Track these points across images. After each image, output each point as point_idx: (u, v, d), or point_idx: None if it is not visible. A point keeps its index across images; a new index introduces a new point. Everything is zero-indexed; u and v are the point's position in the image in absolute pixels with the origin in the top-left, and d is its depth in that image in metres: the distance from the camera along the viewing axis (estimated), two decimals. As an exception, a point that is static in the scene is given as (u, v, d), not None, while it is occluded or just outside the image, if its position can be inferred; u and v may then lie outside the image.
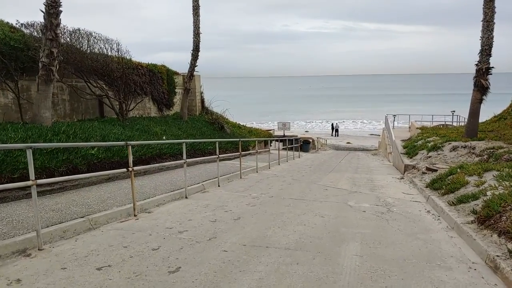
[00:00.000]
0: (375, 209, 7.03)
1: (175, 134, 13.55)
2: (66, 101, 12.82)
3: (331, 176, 12.33)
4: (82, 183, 7.44)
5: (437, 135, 15.05)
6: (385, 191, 9.35)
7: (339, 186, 9.88)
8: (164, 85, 18.41)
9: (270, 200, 7.55)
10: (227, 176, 10.41)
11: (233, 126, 21.14)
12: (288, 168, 14.82)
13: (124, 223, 5.46)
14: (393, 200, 8.01)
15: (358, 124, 67.04)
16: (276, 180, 10.84)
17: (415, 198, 8.37)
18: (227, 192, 8.36)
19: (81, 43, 11.83)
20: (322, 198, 7.98)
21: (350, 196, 8.42)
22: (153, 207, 6.51)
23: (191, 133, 14.80)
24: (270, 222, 5.80)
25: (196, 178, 9.39)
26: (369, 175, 12.79)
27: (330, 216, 6.32)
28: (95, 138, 9.04)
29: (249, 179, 10.72)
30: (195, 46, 17.09)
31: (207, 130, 16.87)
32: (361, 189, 9.48)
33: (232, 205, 6.98)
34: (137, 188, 7.61)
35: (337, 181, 10.87)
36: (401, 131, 26.95)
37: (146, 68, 16.92)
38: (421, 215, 6.65)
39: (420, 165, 12.64)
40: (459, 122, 27.14)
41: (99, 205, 6.01)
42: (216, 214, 6.22)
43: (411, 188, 9.88)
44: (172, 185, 8.18)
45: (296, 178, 11.48)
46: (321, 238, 5.04)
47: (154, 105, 18.03)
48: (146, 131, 12.34)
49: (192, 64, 17.30)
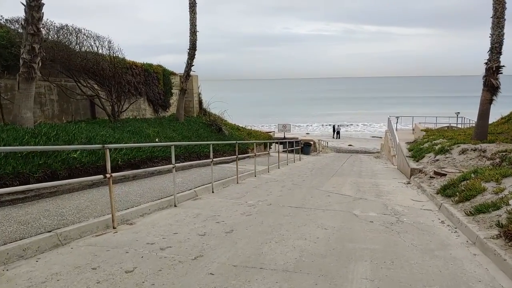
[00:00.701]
0: (383, 219, 6.36)
1: (169, 136, 12.89)
2: (54, 101, 12.17)
3: (333, 180, 11.66)
4: (61, 189, 6.78)
5: (444, 138, 14.37)
6: (392, 197, 8.67)
7: (342, 192, 9.21)
8: (160, 86, 17.78)
9: (268, 209, 6.88)
10: (223, 181, 9.75)
11: (231, 128, 20.49)
12: (288, 171, 14.15)
13: (100, 238, 4.79)
14: (402, 208, 7.33)
15: (360, 126, 66.38)
16: (275, 185, 10.17)
17: (425, 205, 7.69)
18: (221, 199, 7.69)
19: (70, 40, 11.19)
20: (324, 206, 7.31)
21: (355, 203, 7.75)
22: (136, 218, 5.85)
23: (186, 135, 14.14)
24: (266, 235, 5.12)
25: (189, 184, 8.73)
26: (373, 180, 12.11)
27: (334, 227, 5.64)
28: (80, 140, 8.39)
29: (247, 184, 10.05)
30: (192, 45, 16.44)
31: (204, 132, 16.21)
32: (366, 196, 8.81)
33: (225, 214, 6.31)
34: (121, 195, 6.96)
35: (340, 187, 10.20)
36: (404, 133, 26.26)
37: (141, 67, 16.28)
38: (435, 226, 5.97)
39: (428, 169, 11.95)
40: (464, 124, 26.46)
41: (75, 216, 5.35)
42: (207, 225, 5.56)
43: (419, 194, 9.20)
44: (161, 192, 7.51)
45: (296, 183, 10.81)
46: (325, 256, 4.37)
47: (150, 106, 17.39)
48: (138, 133, 11.68)
49: (189, 63, 16.65)
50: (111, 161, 8.20)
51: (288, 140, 21.70)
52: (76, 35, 11.27)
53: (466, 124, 25.74)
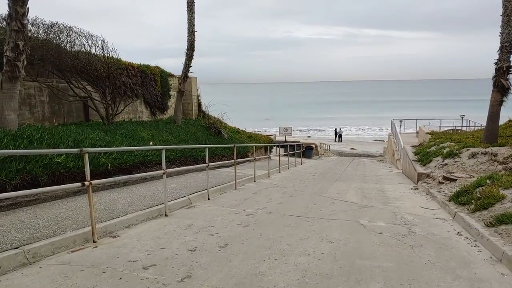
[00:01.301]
0: (393, 229, 5.79)
1: (164, 139, 12.33)
2: (45, 103, 11.65)
3: (337, 186, 11.09)
4: (42, 197, 6.23)
5: (452, 141, 13.79)
6: (400, 204, 8.10)
7: (347, 199, 8.64)
8: (157, 87, 17.26)
9: (267, 218, 6.32)
10: (220, 187, 9.19)
11: (231, 131, 19.94)
12: (290, 176, 13.59)
13: (76, 254, 4.23)
14: (413, 217, 6.76)
15: (361, 129, 65.79)
16: (275, 191, 9.61)
17: (437, 214, 7.12)
18: (217, 208, 7.13)
19: (60, 39, 10.68)
20: (328, 215, 6.74)
21: (361, 211, 7.18)
22: (121, 230, 5.29)
23: (183, 138, 13.58)
24: (265, 250, 4.56)
25: (183, 190, 8.17)
26: (379, 185, 11.54)
27: (340, 241, 5.08)
28: (66, 144, 7.85)
29: (245, 190, 9.49)
30: (190, 45, 15.91)
31: (202, 135, 15.65)
32: (372, 203, 8.24)
33: (220, 225, 5.75)
34: (108, 203, 6.41)
35: (344, 193, 9.63)
36: (408, 136, 25.68)
37: (137, 68, 15.78)
38: (451, 238, 5.40)
39: (436, 174, 11.38)
40: (469, 127, 25.87)
41: (51, 228, 4.79)
42: (198, 238, 4.99)
43: (429, 201, 8.63)
44: (152, 200, 6.96)
45: (298, 188, 10.24)
46: (331, 276, 3.80)
47: (147, 108, 16.87)
48: (131, 136, 11.13)
49: (187, 64, 16.12)
50: (100, 165, 7.69)
51: (290, 143, 21.14)
52: (67, 34, 10.77)
53: (471, 127, 25.15)
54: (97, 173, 7.73)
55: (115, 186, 8.01)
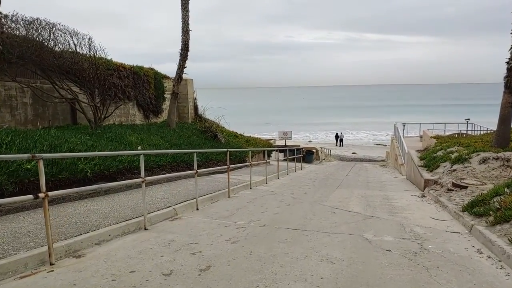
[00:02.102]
0: (403, 245, 5.07)
1: (154, 143, 11.63)
2: (28, 105, 10.98)
3: (338, 193, 10.37)
4: (7, 208, 5.53)
5: (459, 145, 13.06)
6: (408, 215, 7.37)
7: (350, 208, 7.92)
8: (151, 90, 16.59)
9: (260, 232, 5.60)
10: (212, 195, 8.47)
11: (228, 135, 19.25)
12: (289, 182, 12.87)
13: (23, 281, 3.52)
14: (423, 230, 6.04)
15: (363, 134, 65.07)
16: (272, 199, 8.89)
17: (451, 226, 6.39)
18: (205, 219, 6.41)
19: (42, 36, 10.01)
20: (329, 228, 6.02)
21: (365, 223, 6.46)
22: (89, 247, 4.57)
23: (176, 142, 12.87)
24: (254, 275, 3.85)
25: (170, 199, 7.45)
26: (383, 192, 10.82)
27: (342, 261, 4.36)
28: (41, 148, 7.16)
29: (239, 198, 8.77)
30: (184, 45, 15.24)
31: (197, 139, 14.95)
32: (377, 212, 7.52)
33: (206, 241, 5.03)
34: (82, 215, 5.71)
35: (346, 201, 8.91)
36: (412, 140, 24.96)
37: (129, 70, 15.11)
38: (471, 257, 4.67)
39: (444, 180, 10.65)
40: (475, 131, 25.11)
41: (2, 247, 4.08)
42: (177, 259, 4.28)
43: (440, 211, 7.89)
44: (133, 211, 6.25)
45: (297, 196, 9.52)
46: (332, 311, 3.08)
47: (140, 111, 16.19)
48: (118, 140, 10.44)
49: (181, 65, 15.44)
50: (78, 172, 6.98)
51: (289, 148, 20.43)
52: (50, 30, 10.10)
53: (476, 131, 24.40)
54: (74, 180, 7.04)
55: (95, 194, 7.31)
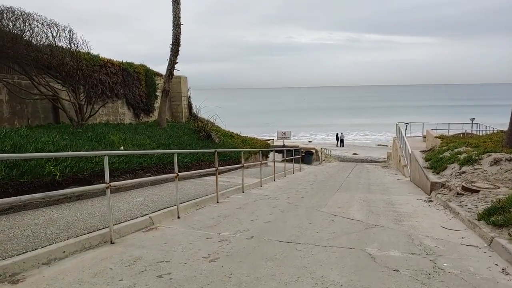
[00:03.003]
0: (413, 263, 4.28)
1: (140, 143, 10.82)
2: (3, 102, 10.20)
3: (338, 197, 9.58)
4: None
5: (467, 145, 12.25)
6: (416, 223, 6.57)
7: (350, 215, 7.13)
8: (141, 87, 15.80)
9: (246, 247, 4.80)
10: (197, 200, 7.67)
11: (224, 135, 18.45)
12: (285, 185, 12.07)
13: None
14: (435, 243, 5.25)
15: (364, 134, 64.22)
16: (265, 204, 8.10)
17: (466, 238, 5.59)
18: (185, 230, 5.61)
19: (16, 26, 9.23)
20: (327, 240, 5.24)
21: (368, 234, 5.67)
22: (34, 268, 3.78)
23: (164, 142, 12.06)
24: (228, 308, 3.05)
25: (149, 206, 6.66)
26: (386, 196, 10.02)
27: (341, 286, 3.56)
28: (1, 148, 6.38)
29: (229, 204, 7.98)
30: (175, 39, 14.43)
31: (189, 139, 14.14)
32: (381, 220, 6.73)
33: (179, 259, 4.24)
34: (40, 226, 4.92)
35: (347, 206, 8.12)
36: (415, 140, 24.15)
37: (118, 66, 14.33)
38: (498, 281, 3.87)
39: (452, 183, 9.85)
40: (480, 131, 24.28)
41: None
42: (138, 284, 3.49)
43: (450, 219, 7.09)
44: (102, 220, 5.46)
45: (292, 201, 8.73)
46: None
47: (129, 110, 15.40)
48: (98, 140, 9.64)
49: (172, 60, 14.64)
50: (44, 175, 6.20)
51: (287, 148, 19.62)
52: (24, 20, 9.31)
53: (481, 131, 23.58)
54: (40, 184, 6.25)
55: (65, 200, 6.52)
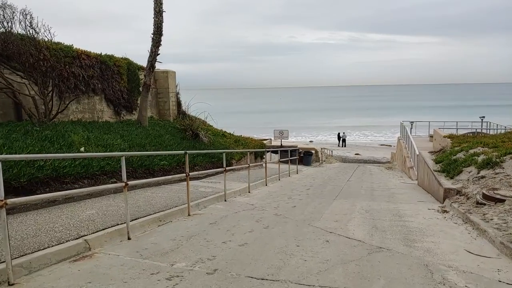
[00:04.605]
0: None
1: (108, 144, 9.43)
2: (-50, 96, 8.88)
3: (336, 206, 8.19)
4: None
5: (484, 145, 10.81)
6: (432, 245, 5.17)
7: (349, 233, 5.75)
8: (122, 82, 14.44)
9: (200, 289, 3.42)
10: (163, 213, 6.29)
11: (215, 134, 17.07)
12: (277, 191, 10.69)
13: None
14: (464, 280, 3.88)
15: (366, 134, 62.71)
16: (247, 217, 6.72)
17: (504, 271, 4.19)
18: (128, 259, 4.23)
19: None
20: (316, 274, 3.86)
21: (371, 262, 4.29)
22: None
23: (139, 143, 10.66)
24: None
25: (95, 222, 5.28)
26: (393, 205, 8.61)
27: None
28: None
29: (202, 218, 6.59)
30: (157, 28, 13.01)
31: (171, 139, 12.75)
32: (388, 240, 5.34)
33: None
34: None
35: (346, 219, 6.74)
36: (420, 140, 22.71)
37: (94, 58, 12.98)
38: None
39: (470, 190, 8.45)
40: (490, 129, 22.82)
41: None
42: None
43: (475, 238, 5.68)
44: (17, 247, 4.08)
45: (281, 212, 7.35)
46: None
47: (109, 107, 14.04)
48: (54, 140, 8.26)
49: (153, 51, 13.23)
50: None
51: (284, 148, 18.22)
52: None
53: (493, 130, 22.10)
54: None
55: None
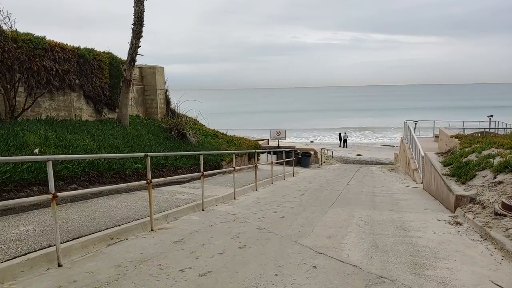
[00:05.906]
0: None
1: (72, 145, 8.34)
2: None
3: (331, 216, 7.08)
4: None
5: (498, 146, 9.68)
6: (448, 274, 4.08)
7: (344, 254, 4.65)
8: (104, 78, 13.35)
9: None
10: (117, 229, 5.19)
11: (206, 134, 15.98)
12: (267, 197, 9.59)
13: None
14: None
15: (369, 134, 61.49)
16: (223, 232, 5.63)
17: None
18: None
19: None
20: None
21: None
22: None
23: (113, 144, 9.55)
24: None
25: (23, 244, 4.20)
26: (396, 215, 7.49)
27: None
28: None
29: (167, 233, 5.50)
30: (137, 18, 11.89)
31: (152, 139, 11.65)
32: (391, 266, 4.25)
33: None
34: None
35: (341, 235, 5.63)
36: (425, 141, 21.59)
37: (71, 51, 11.91)
38: None
39: (486, 198, 7.32)
40: (498, 129, 21.62)
41: None
42: None
43: (500, 262, 4.57)
44: None
45: (266, 225, 6.25)
46: None
47: (88, 104, 12.96)
48: (2, 141, 7.19)
49: (134, 44, 12.12)
50: None
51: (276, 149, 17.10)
52: None
53: (502, 130, 20.91)
54: None
55: None
